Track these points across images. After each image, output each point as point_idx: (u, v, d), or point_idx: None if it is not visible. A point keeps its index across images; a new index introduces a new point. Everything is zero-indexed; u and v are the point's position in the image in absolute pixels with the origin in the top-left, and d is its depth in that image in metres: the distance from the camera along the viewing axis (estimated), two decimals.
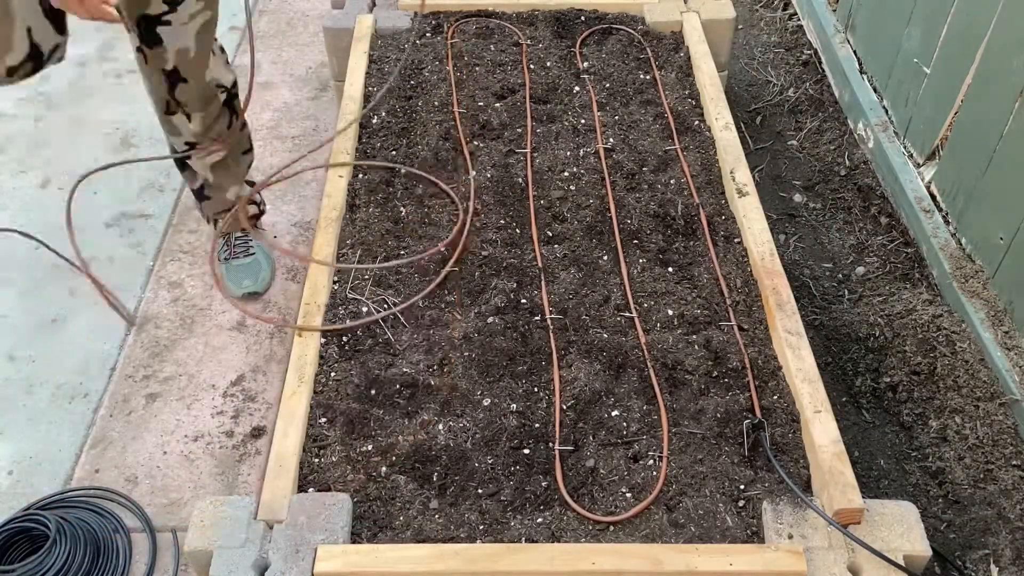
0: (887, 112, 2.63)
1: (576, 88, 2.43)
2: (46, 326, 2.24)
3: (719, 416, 1.62)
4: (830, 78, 2.97)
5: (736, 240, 1.98)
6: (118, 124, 2.90)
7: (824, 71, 3.02)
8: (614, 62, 2.51)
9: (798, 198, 2.65)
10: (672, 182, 2.12)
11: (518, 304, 1.84)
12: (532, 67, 2.48)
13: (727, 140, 2.21)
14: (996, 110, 2.03)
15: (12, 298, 2.31)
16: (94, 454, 1.94)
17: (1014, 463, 1.86)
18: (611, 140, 2.25)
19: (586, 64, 2.51)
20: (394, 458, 1.58)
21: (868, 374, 2.10)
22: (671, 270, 1.92)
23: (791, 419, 1.62)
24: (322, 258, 1.89)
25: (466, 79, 2.45)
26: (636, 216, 2.03)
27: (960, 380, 1.97)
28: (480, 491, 1.54)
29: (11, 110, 2.94)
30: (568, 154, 2.21)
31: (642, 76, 2.47)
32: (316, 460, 1.58)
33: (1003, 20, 2.02)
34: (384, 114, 2.33)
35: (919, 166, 2.44)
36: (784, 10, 3.38)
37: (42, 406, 2.05)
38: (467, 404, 1.66)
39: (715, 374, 1.70)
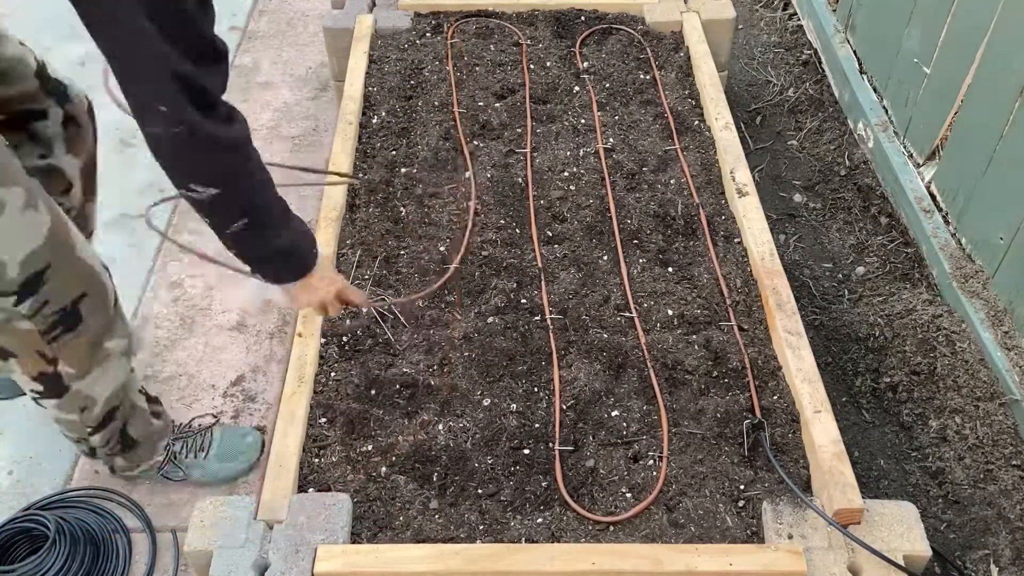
0: (887, 112, 2.63)
1: (576, 88, 2.43)
2: None
3: (719, 416, 1.62)
4: (830, 78, 2.97)
5: (736, 240, 1.98)
6: (117, 124, 2.88)
7: (824, 71, 3.02)
8: (614, 62, 2.51)
9: (798, 198, 2.65)
10: (672, 182, 2.12)
11: (518, 304, 1.84)
12: (532, 67, 2.48)
13: (727, 140, 2.20)
14: (996, 110, 2.03)
15: None
16: None
17: (1014, 463, 1.86)
18: (611, 140, 2.25)
19: (586, 64, 2.51)
20: (394, 458, 1.58)
21: (868, 374, 2.10)
22: (671, 270, 1.92)
23: (791, 419, 1.62)
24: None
25: (466, 79, 2.44)
26: (636, 216, 2.03)
27: (960, 380, 1.97)
28: (480, 491, 1.54)
29: None
30: (568, 154, 2.21)
31: (642, 76, 2.47)
32: (316, 460, 1.58)
33: (1003, 20, 2.02)
34: (384, 114, 2.33)
35: (919, 166, 2.44)
36: (784, 10, 3.38)
37: None
38: (467, 404, 1.66)
39: (715, 374, 1.70)
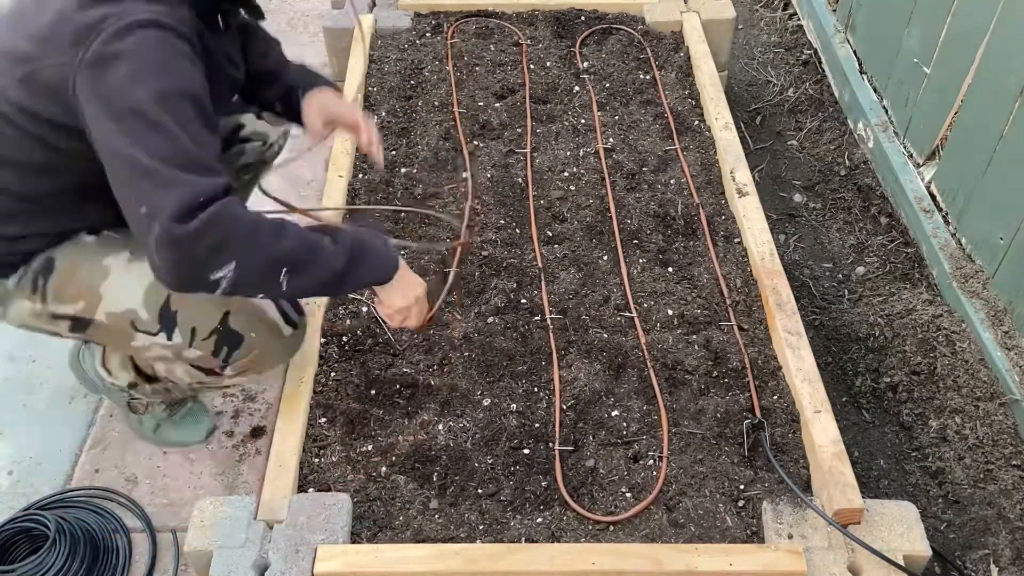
0: (887, 112, 2.63)
1: (576, 88, 2.43)
2: None
3: (719, 416, 1.62)
4: (830, 78, 2.97)
5: (736, 240, 1.98)
6: None
7: (824, 71, 3.02)
8: (614, 62, 2.51)
9: (798, 198, 2.65)
10: (672, 182, 2.12)
11: (518, 304, 1.84)
12: (532, 67, 2.48)
13: (727, 140, 2.20)
14: (996, 110, 2.03)
15: None
16: (94, 454, 1.94)
17: (1014, 463, 1.86)
18: (611, 140, 2.25)
19: (586, 64, 2.51)
20: (394, 458, 1.58)
21: (868, 374, 2.10)
22: (671, 270, 1.92)
23: (791, 419, 1.62)
24: None
25: (466, 79, 2.44)
26: (636, 216, 2.03)
27: (960, 380, 1.97)
28: (480, 491, 1.53)
29: None
30: (568, 154, 2.21)
31: (642, 76, 2.47)
32: (316, 460, 1.58)
33: (1003, 20, 2.02)
34: (384, 114, 2.33)
35: (919, 166, 2.44)
36: (784, 10, 3.38)
37: (42, 406, 2.05)
38: (467, 404, 1.66)
39: (715, 374, 1.70)
